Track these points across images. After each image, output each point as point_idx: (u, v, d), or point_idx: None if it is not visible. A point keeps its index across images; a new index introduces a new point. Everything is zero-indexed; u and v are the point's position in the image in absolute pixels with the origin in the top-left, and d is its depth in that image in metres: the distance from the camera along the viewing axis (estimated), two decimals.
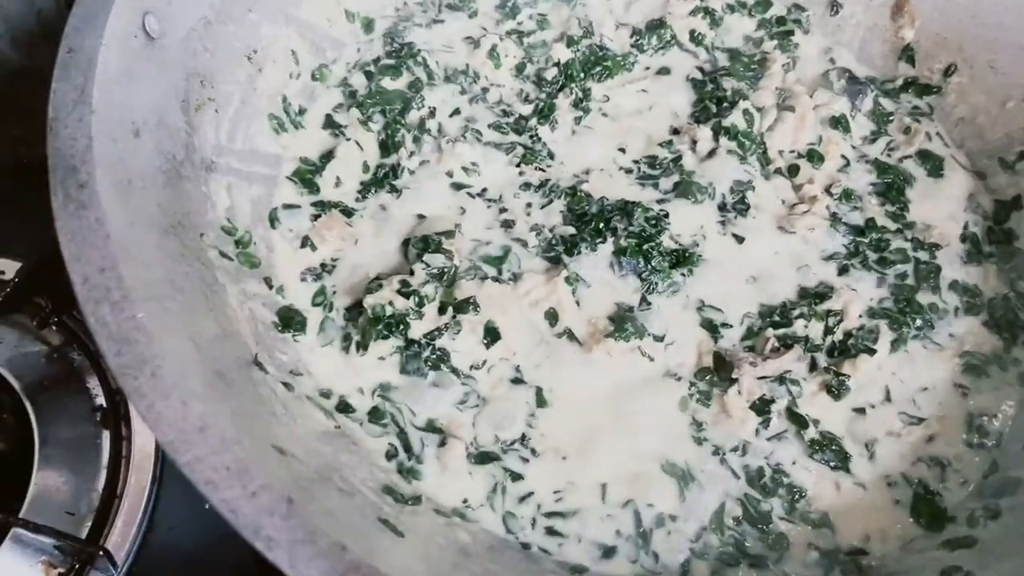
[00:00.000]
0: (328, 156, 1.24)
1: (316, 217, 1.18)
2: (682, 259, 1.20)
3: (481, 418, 1.06)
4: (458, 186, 1.25)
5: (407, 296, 1.07)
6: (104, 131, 0.84)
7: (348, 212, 1.19)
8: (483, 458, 1.03)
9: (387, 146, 1.26)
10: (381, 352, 1.07)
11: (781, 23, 1.53)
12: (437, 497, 0.99)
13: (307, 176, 1.22)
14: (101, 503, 1.07)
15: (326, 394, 1.03)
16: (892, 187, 1.34)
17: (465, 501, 1.00)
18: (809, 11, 1.53)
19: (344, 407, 1.03)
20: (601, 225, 1.21)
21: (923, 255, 1.27)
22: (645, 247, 1.19)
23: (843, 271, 1.24)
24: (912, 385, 1.15)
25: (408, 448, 1.02)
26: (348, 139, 1.26)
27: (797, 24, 1.52)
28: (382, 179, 1.24)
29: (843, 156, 1.37)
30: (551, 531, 0.99)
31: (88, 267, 0.75)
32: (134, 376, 0.70)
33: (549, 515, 1.00)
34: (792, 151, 1.38)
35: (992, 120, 1.38)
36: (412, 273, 1.10)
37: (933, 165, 1.38)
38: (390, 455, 1.01)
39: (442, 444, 1.02)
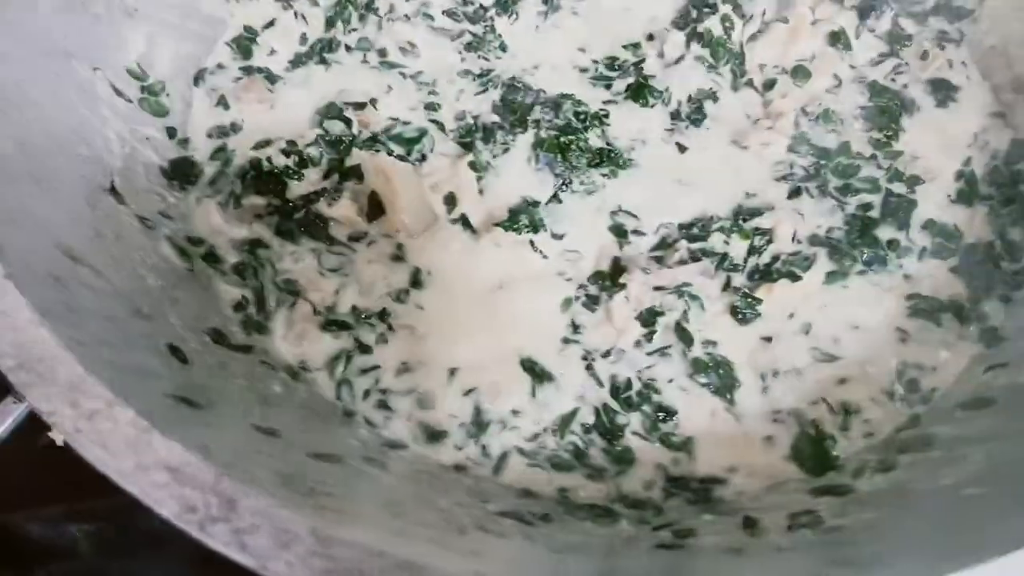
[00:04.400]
0: (270, 25, 1.23)
1: (239, 80, 1.17)
2: (606, 159, 1.10)
3: (347, 287, 1.02)
4: (391, 65, 1.21)
5: (288, 155, 1.04)
6: None
7: (272, 79, 1.18)
8: (335, 325, 0.99)
9: (332, 22, 1.24)
10: (257, 209, 1.05)
11: None
12: (275, 352, 0.97)
13: (246, 43, 1.22)
14: None
15: (196, 242, 1.03)
16: (885, 112, 1.17)
17: (303, 363, 0.97)
18: None
19: (211, 257, 1.02)
20: (527, 116, 1.13)
21: (899, 187, 1.10)
22: (563, 140, 1.10)
23: (794, 194, 1.10)
24: (841, 322, 1.00)
25: (261, 303, 1.00)
26: (296, 12, 1.24)
27: None
28: (318, 51, 1.21)
29: (835, 75, 1.21)
30: (383, 404, 0.95)
31: None
32: None
33: (385, 391, 0.96)
34: (776, 66, 1.23)
35: None
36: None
37: (945, 95, 1.19)
38: (240, 306, 0.99)
39: (292, 305, 0.99)
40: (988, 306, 1.01)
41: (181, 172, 1.08)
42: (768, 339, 0.99)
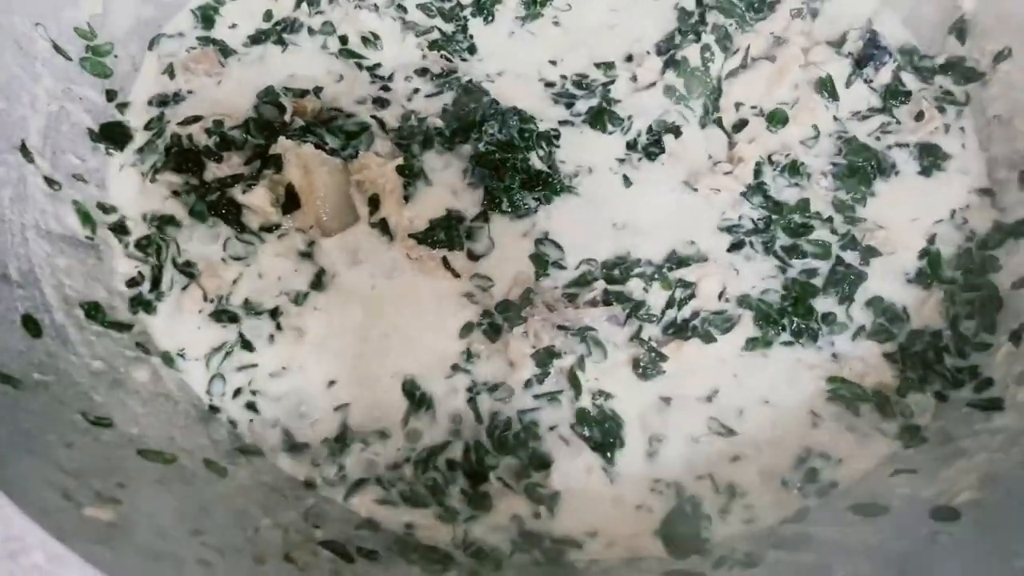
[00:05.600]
0: None
1: (192, 49, 1.15)
2: (542, 182, 1.05)
3: (246, 278, 0.99)
4: (350, 53, 1.17)
5: (211, 135, 1.02)
6: None
7: (226, 52, 1.16)
8: (223, 316, 0.96)
9: (300, 2, 1.21)
10: (174, 186, 1.03)
11: None
12: (155, 334, 0.95)
13: (209, 13, 1.19)
14: None
15: (108, 209, 1.02)
16: (856, 172, 1.08)
17: (182, 351, 0.95)
18: None
19: (119, 227, 1.01)
20: (472, 127, 1.08)
21: (851, 256, 1.01)
22: (500, 156, 1.05)
23: (736, 247, 1.02)
24: (751, 394, 0.93)
25: (156, 282, 0.98)
26: None
27: None
28: (278, 31, 1.18)
29: (814, 126, 1.12)
30: (251, 406, 0.92)
31: None
32: None
33: (257, 392, 0.93)
34: (754, 107, 1.15)
35: None
36: None
37: (932, 162, 1.10)
38: (134, 282, 0.98)
39: (185, 288, 0.97)
40: (917, 402, 0.92)
41: (110, 136, 1.06)
42: (667, 400, 0.92)
